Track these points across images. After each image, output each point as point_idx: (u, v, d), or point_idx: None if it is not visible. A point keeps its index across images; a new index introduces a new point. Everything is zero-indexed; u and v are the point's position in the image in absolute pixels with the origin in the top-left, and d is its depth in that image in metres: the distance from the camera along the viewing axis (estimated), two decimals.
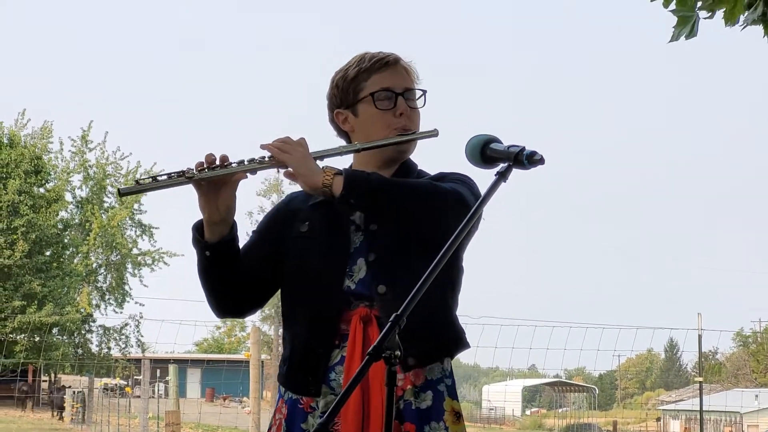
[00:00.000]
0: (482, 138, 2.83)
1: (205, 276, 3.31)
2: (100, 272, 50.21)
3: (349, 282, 3.19)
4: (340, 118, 3.37)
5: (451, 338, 3.27)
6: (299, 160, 3.11)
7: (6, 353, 39.18)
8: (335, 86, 3.38)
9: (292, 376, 3.25)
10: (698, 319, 22.33)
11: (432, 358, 3.20)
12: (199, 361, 61.28)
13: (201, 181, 3.16)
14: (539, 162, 2.68)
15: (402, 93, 3.33)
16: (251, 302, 3.40)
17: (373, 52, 3.39)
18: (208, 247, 3.25)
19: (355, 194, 3.05)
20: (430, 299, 3.08)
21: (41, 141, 47.67)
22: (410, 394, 3.16)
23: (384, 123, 3.30)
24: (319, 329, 3.19)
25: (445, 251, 2.57)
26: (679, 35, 4.71)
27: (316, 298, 3.21)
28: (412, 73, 3.39)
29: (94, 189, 50.06)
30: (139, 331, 50.09)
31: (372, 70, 3.33)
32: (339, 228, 3.23)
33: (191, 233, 3.30)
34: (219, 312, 3.40)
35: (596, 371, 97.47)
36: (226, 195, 3.20)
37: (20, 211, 42.84)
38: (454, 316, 3.30)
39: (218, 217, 3.22)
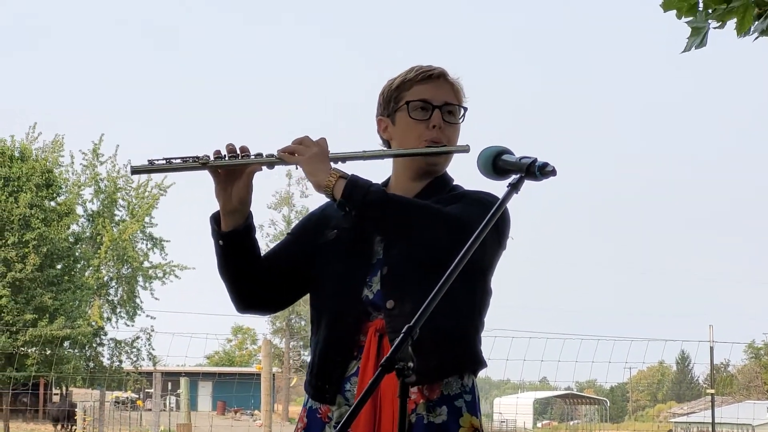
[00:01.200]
0: (494, 149, 2.83)
1: (220, 265, 3.33)
2: (112, 285, 50.25)
3: (368, 292, 3.21)
4: (382, 126, 3.40)
5: (460, 357, 3.23)
6: (309, 159, 3.12)
7: (17, 366, 39.25)
8: (381, 94, 3.41)
9: (311, 383, 3.27)
10: (710, 331, 22.27)
11: (436, 376, 3.17)
12: (210, 374, 61.31)
13: (217, 169, 3.18)
14: (551, 173, 2.68)
15: (440, 106, 3.32)
16: (273, 301, 3.43)
17: (423, 65, 3.40)
18: (222, 236, 3.27)
19: (350, 202, 3.06)
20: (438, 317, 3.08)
21: (52, 154, 47.76)
22: (423, 408, 3.15)
23: (416, 133, 3.31)
24: (338, 337, 3.20)
25: (453, 268, 2.57)
26: (691, 46, 4.72)
27: (337, 306, 3.23)
28: (456, 89, 3.39)
29: (105, 202, 50.12)
30: (150, 344, 50.15)
31: (415, 81, 3.34)
32: (364, 238, 3.24)
33: (209, 223, 3.31)
34: (239, 306, 3.41)
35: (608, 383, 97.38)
36: (241, 186, 3.22)
37: (32, 225, 42.89)
38: (471, 336, 3.26)
39: (231, 207, 3.24)
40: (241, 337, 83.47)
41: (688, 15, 4.80)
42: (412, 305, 3.08)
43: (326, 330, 3.24)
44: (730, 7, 4.62)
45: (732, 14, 4.65)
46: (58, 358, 42.34)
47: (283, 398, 65.86)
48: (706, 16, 4.71)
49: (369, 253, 3.24)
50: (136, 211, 49.86)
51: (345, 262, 3.25)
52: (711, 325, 22.27)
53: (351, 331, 3.19)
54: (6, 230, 42.85)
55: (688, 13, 4.80)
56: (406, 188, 3.32)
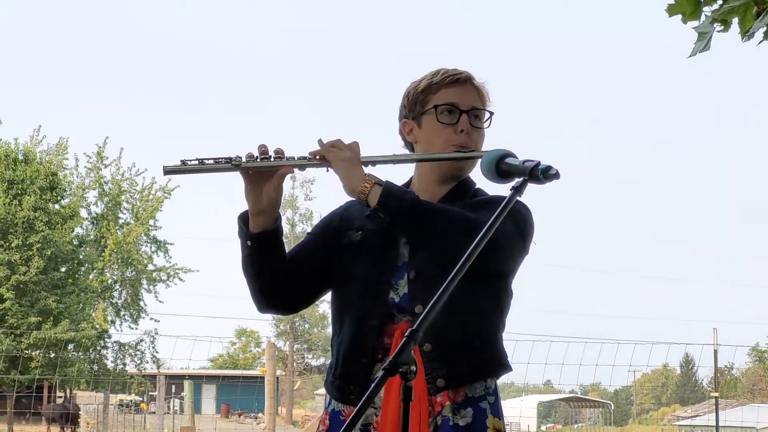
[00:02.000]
0: (497, 153, 2.84)
1: (247, 267, 3.34)
2: (116, 288, 50.21)
3: (394, 295, 3.23)
4: (406, 129, 3.40)
5: (488, 361, 3.27)
6: (343, 162, 3.13)
7: (21, 369, 39.23)
8: (406, 96, 3.41)
9: (334, 383, 3.29)
10: (714, 334, 22.22)
11: (464, 380, 3.21)
12: (214, 377, 61.24)
13: (248, 170, 3.18)
14: (554, 177, 2.69)
15: (467, 111, 3.33)
16: (294, 300, 3.43)
17: (448, 68, 3.40)
18: (250, 236, 3.27)
19: (386, 210, 3.09)
20: (467, 322, 3.17)
21: (56, 157, 47.74)
22: (449, 410, 3.18)
23: (443, 137, 3.31)
24: (363, 339, 3.21)
25: (457, 272, 2.59)
26: (697, 50, 4.72)
27: (361, 308, 3.24)
28: (482, 93, 3.40)
29: (109, 205, 50.08)
30: (154, 347, 50.05)
31: (441, 84, 3.35)
32: (390, 240, 3.26)
33: (237, 222, 3.32)
34: (261, 304, 3.42)
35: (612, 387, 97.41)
36: (271, 187, 3.23)
37: (36, 228, 42.88)
38: (496, 339, 3.30)
39: (261, 208, 3.25)
40: (245, 340, 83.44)
41: (691, 18, 4.80)
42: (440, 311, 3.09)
43: (350, 331, 3.25)
44: (731, 6, 4.62)
45: (733, 13, 4.66)
46: (62, 361, 42.33)
47: (286, 401, 65.90)
48: (711, 21, 4.72)
49: (395, 255, 3.26)
50: (141, 214, 49.83)
51: (370, 263, 3.26)
52: (715, 328, 22.24)
53: (376, 333, 3.21)
54: (10, 233, 42.85)
55: (691, 17, 4.80)
56: (431, 191, 3.34)
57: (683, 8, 4.79)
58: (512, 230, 3.20)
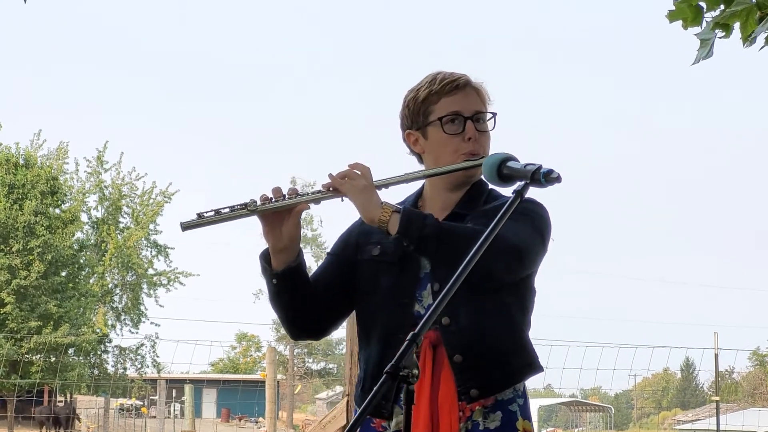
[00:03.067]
0: (499, 156, 2.84)
1: (275, 303, 3.35)
2: (116, 292, 50.26)
3: (419, 307, 3.24)
4: (411, 139, 3.39)
5: (521, 365, 3.29)
6: (359, 193, 3.13)
7: (22, 374, 39.26)
8: (406, 107, 3.40)
9: (363, 397, 3.29)
10: (714, 338, 22.24)
11: (498, 389, 3.22)
12: (214, 381, 61.32)
13: (264, 212, 3.19)
14: (556, 180, 2.70)
15: (471, 117, 3.33)
16: (326, 324, 3.44)
17: (444, 72, 3.39)
18: (275, 275, 3.28)
19: (408, 238, 3.08)
20: (495, 330, 3.21)
21: (57, 162, 47.81)
22: (479, 415, 3.20)
23: (452, 148, 3.31)
24: (391, 352, 3.19)
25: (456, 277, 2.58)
26: (700, 57, 4.72)
27: (387, 321, 3.26)
28: (482, 94, 3.39)
29: (109, 209, 50.14)
30: (154, 352, 50.12)
31: (442, 93, 3.33)
32: (410, 253, 3.24)
33: (259, 262, 3.33)
34: (294, 334, 3.44)
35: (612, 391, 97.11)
36: (290, 224, 3.24)
37: (36, 232, 42.93)
38: (525, 341, 3.32)
39: (282, 245, 3.25)
40: (246, 344, 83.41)
41: (693, 25, 4.80)
42: (467, 321, 3.17)
43: (379, 345, 3.27)
44: (732, 11, 4.62)
45: (735, 18, 4.65)
46: (62, 365, 42.37)
47: (287, 405, 65.84)
48: (713, 27, 4.72)
49: (416, 267, 3.27)
50: (141, 219, 49.89)
51: (392, 276, 3.28)
52: (716, 332, 22.26)
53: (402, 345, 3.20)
54: (11, 237, 42.90)
55: (693, 23, 4.80)
56: (444, 199, 3.35)
57: (684, 14, 4.79)
58: (533, 235, 3.21)
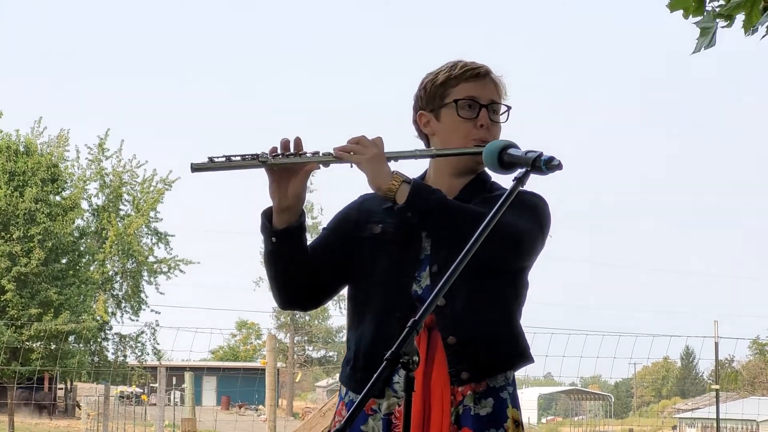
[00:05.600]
0: (500, 143, 2.85)
1: (271, 263, 3.32)
2: (116, 280, 50.27)
3: (417, 287, 3.24)
4: (423, 120, 3.40)
5: (512, 353, 3.30)
6: (369, 160, 3.13)
7: (22, 361, 39.30)
8: (423, 88, 3.40)
9: (354, 377, 3.28)
10: (715, 327, 22.22)
11: (488, 373, 3.24)
12: (214, 369, 61.37)
13: (273, 167, 3.17)
14: (557, 167, 2.70)
15: (486, 105, 3.34)
16: (316, 296, 3.42)
17: (466, 60, 3.40)
18: (275, 233, 3.25)
19: (414, 208, 3.10)
20: (489, 316, 3.21)
21: (57, 149, 47.79)
22: (470, 400, 3.21)
23: (463, 132, 3.32)
24: (387, 332, 3.19)
25: (459, 260, 2.59)
26: (701, 46, 4.71)
27: (384, 300, 3.25)
28: (500, 87, 3.40)
29: (110, 197, 50.12)
30: (155, 339, 50.14)
31: (461, 78, 3.35)
32: (411, 233, 3.26)
33: (260, 219, 3.30)
34: (282, 302, 3.41)
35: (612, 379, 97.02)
36: (297, 183, 3.22)
37: (37, 219, 42.94)
38: (518, 330, 3.34)
39: (287, 204, 3.23)
40: (246, 332, 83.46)
41: (695, 15, 4.78)
42: (463, 304, 3.18)
43: (374, 324, 3.26)
44: (737, 2, 4.61)
45: (739, 9, 4.64)
46: (62, 352, 42.40)
47: (287, 393, 65.93)
48: (714, 15, 4.70)
49: (417, 248, 3.26)
50: (141, 206, 49.87)
51: (392, 256, 3.27)
52: (716, 321, 22.24)
53: (399, 326, 3.19)
54: (11, 225, 42.92)
55: (695, 13, 4.78)
56: (447, 184, 3.34)
57: (686, 4, 4.77)
58: (532, 227, 3.23)
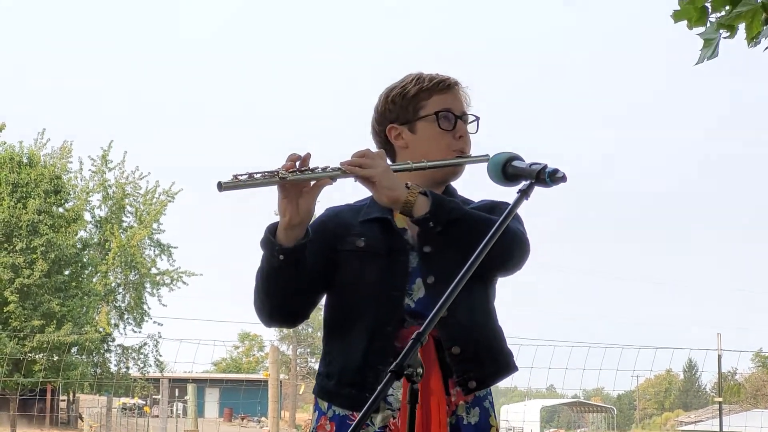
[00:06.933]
0: (504, 155, 2.85)
1: (272, 279, 3.23)
2: (119, 292, 50.26)
3: (409, 301, 3.23)
4: (393, 133, 3.39)
5: (508, 362, 3.34)
6: (383, 173, 3.12)
7: (25, 372, 39.23)
8: (391, 102, 3.40)
9: (340, 391, 3.26)
10: (718, 340, 22.26)
11: (492, 381, 3.28)
12: (217, 381, 61.25)
13: (286, 183, 3.12)
14: (561, 180, 2.70)
15: (460, 116, 3.37)
16: (303, 312, 3.36)
17: (429, 72, 3.42)
18: (283, 250, 3.17)
19: (437, 219, 3.09)
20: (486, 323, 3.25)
21: (61, 161, 47.79)
22: (462, 410, 3.23)
23: (443, 143, 3.33)
24: (378, 345, 3.20)
25: (468, 267, 2.59)
26: (704, 57, 4.71)
27: (374, 314, 3.22)
28: (467, 97, 3.43)
29: (113, 209, 50.14)
30: (157, 351, 50.12)
31: (433, 90, 3.36)
32: (396, 247, 3.25)
33: (264, 234, 3.21)
34: (270, 318, 3.33)
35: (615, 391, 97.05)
36: (309, 198, 3.15)
37: (40, 231, 42.92)
38: (504, 338, 3.36)
39: (298, 220, 3.15)
40: (249, 343, 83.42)
41: (697, 25, 4.79)
42: (464, 313, 3.17)
43: (364, 338, 3.23)
44: (738, 12, 4.61)
45: (740, 19, 4.65)
46: (65, 364, 42.34)
47: (290, 405, 65.86)
48: (717, 27, 4.71)
49: (404, 261, 3.25)
50: (144, 218, 49.89)
51: (379, 269, 3.25)
52: (719, 334, 22.28)
53: (390, 339, 3.19)
54: (14, 236, 42.91)
55: (698, 23, 4.79)
56: None
57: (689, 14, 4.79)
58: (524, 230, 3.28)
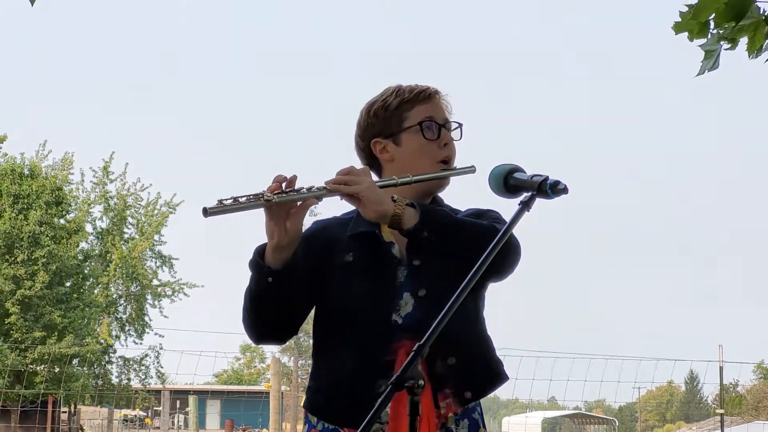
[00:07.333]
0: (505, 167, 2.85)
1: (261, 301, 3.22)
2: (120, 303, 50.22)
3: (396, 317, 3.21)
4: (378, 147, 3.38)
5: (500, 371, 3.34)
6: (368, 189, 3.10)
7: (26, 384, 39.20)
8: (373, 115, 3.38)
9: (330, 406, 3.25)
10: (719, 351, 22.23)
11: (486, 391, 3.28)
12: (218, 393, 61.26)
13: (273, 205, 3.11)
14: (563, 191, 2.70)
15: (444, 125, 3.36)
16: (291, 328, 3.35)
17: (409, 84, 3.41)
18: (272, 273, 3.16)
19: (428, 229, 3.08)
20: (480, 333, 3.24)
21: (62, 172, 47.81)
22: (452, 422, 3.22)
23: (429, 153, 3.32)
24: (368, 361, 3.19)
25: (468, 281, 2.59)
26: (704, 69, 4.71)
27: (363, 330, 3.21)
28: (448, 104, 3.42)
29: (114, 220, 50.15)
30: (159, 362, 50.04)
31: (415, 101, 3.35)
32: (384, 261, 3.24)
33: (253, 256, 3.20)
34: (260, 337, 3.34)
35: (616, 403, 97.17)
36: (296, 219, 3.14)
37: (41, 242, 42.90)
38: (494, 349, 3.36)
39: (286, 242, 3.14)
40: (250, 355, 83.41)
41: (699, 37, 4.79)
42: (459, 323, 3.10)
43: (355, 354, 3.22)
44: (741, 25, 4.61)
45: (743, 32, 4.65)
46: (66, 375, 42.28)
47: (291, 417, 65.73)
48: (718, 39, 4.71)
49: (391, 276, 3.24)
50: (146, 229, 49.89)
51: (367, 284, 3.23)
52: (720, 345, 22.24)
53: (380, 354, 3.19)
54: (15, 247, 42.89)
55: (699, 35, 4.79)
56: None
57: (690, 26, 4.78)
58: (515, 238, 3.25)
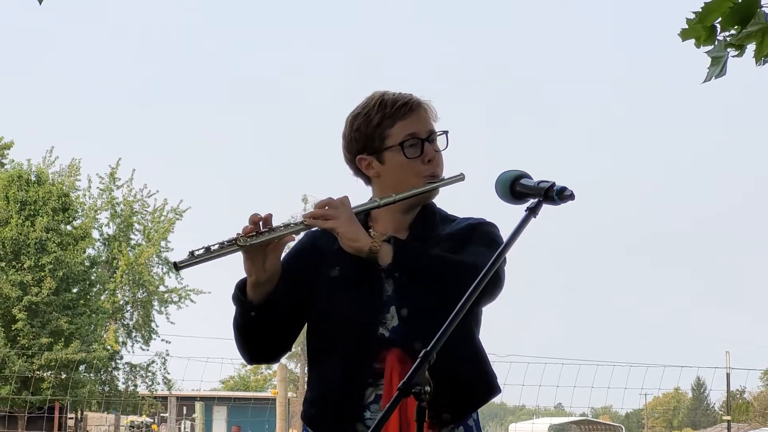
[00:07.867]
0: (512, 174, 2.84)
1: (248, 332, 3.28)
2: (127, 309, 50.23)
3: (383, 330, 3.21)
4: (363, 164, 3.35)
5: (485, 389, 3.29)
6: (345, 224, 3.12)
7: (33, 390, 39.23)
8: (356, 130, 3.33)
9: (321, 417, 3.26)
10: (726, 358, 22.17)
11: (467, 412, 3.25)
12: (225, 399, 61.13)
13: (250, 249, 3.14)
14: (569, 198, 2.69)
15: (427, 138, 3.31)
16: (282, 347, 3.38)
17: (391, 94, 3.34)
18: (254, 307, 3.22)
19: (401, 267, 3.09)
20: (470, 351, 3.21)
21: (69, 179, 47.86)
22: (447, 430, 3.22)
23: (413, 171, 3.29)
24: (354, 373, 3.19)
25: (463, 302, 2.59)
26: (711, 76, 4.70)
27: (350, 343, 3.21)
28: (432, 113, 3.36)
29: (121, 226, 50.16)
30: (165, 369, 50.01)
31: (396, 116, 3.29)
32: (371, 275, 3.22)
33: (234, 291, 3.25)
34: (251, 360, 3.38)
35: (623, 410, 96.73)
36: (273, 256, 3.19)
37: (48, 249, 42.92)
38: (487, 363, 3.33)
39: (264, 278, 3.19)
40: None
41: (706, 44, 4.78)
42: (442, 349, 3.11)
43: (341, 366, 3.21)
44: (748, 32, 4.60)
45: (750, 39, 4.63)
46: (73, 382, 42.31)
47: (297, 423, 65.58)
48: (725, 45, 4.70)
49: (379, 290, 3.23)
50: (152, 236, 49.91)
51: (353, 298, 3.23)
52: (727, 352, 22.19)
53: (367, 366, 3.19)
54: (22, 254, 42.90)
55: (706, 42, 4.77)
56: (397, 220, 3.32)
57: (697, 33, 4.77)
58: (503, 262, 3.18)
